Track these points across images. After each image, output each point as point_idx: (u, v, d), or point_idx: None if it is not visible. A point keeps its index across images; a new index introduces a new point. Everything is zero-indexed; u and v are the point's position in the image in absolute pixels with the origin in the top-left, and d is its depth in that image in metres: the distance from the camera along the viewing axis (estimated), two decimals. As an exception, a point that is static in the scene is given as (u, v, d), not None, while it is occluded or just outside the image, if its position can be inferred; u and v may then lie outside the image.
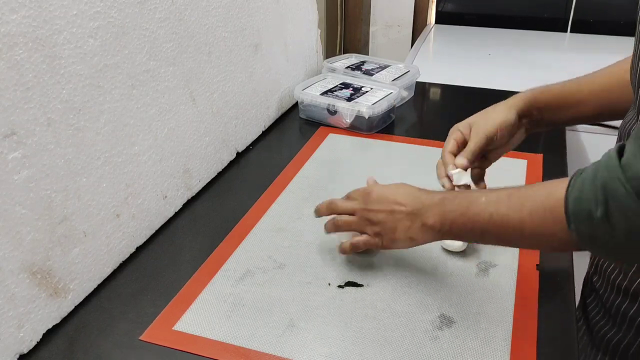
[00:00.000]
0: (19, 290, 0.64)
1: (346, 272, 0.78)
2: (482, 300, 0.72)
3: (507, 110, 0.79)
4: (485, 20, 2.02)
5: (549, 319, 0.69)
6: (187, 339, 0.68)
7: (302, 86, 1.25)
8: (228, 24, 1.00)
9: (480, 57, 1.75)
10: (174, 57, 0.86)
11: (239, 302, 0.73)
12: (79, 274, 0.72)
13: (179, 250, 0.84)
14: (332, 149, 1.12)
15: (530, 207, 0.58)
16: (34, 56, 0.61)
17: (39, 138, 0.63)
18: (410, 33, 2.07)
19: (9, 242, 0.62)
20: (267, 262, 0.80)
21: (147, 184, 0.84)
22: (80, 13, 0.66)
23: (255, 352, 0.66)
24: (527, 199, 0.59)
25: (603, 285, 0.73)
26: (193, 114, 0.93)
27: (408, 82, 1.32)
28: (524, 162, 1.04)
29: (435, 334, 0.68)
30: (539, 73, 1.59)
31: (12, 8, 0.57)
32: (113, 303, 0.74)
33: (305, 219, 0.89)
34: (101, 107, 0.72)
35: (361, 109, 1.14)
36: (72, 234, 0.70)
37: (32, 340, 0.67)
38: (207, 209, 0.94)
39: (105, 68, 0.72)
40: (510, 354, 0.65)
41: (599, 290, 0.74)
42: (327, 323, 0.70)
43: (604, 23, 1.89)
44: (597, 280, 0.75)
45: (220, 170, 1.05)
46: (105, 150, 0.74)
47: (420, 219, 0.67)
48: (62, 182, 0.68)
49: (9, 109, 0.59)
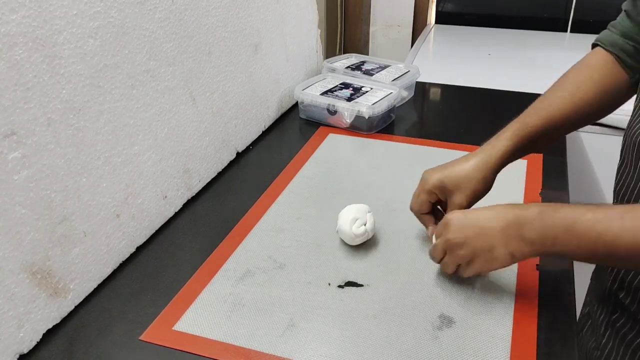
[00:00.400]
0: (19, 290, 0.64)
1: (346, 272, 0.78)
2: (482, 300, 0.72)
3: (485, 172, 0.76)
4: (485, 20, 2.02)
5: (549, 319, 0.69)
6: (187, 339, 0.68)
7: (302, 86, 1.25)
8: (228, 24, 1.00)
9: (480, 57, 1.75)
10: (174, 57, 0.86)
11: (239, 302, 0.73)
12: (79, 274, 0.72)
13: (179, 250, 0.84)
14: (332, 149, 1.12)
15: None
16: (34, 56, 0.61)
17: (39, 138, 0.63)
18: (410, 33, 2.07)
19: (9, 242, 0.62)
20: (267, 262, 0.80)
21: (147, 184, 0.84)
22: (80, 13, 0.66)
23: (255, 352, 0.66)
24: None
25: (636, 301, 0.71)
26: (193, 114, 0.93)
27: (408, 82, 1.32)
28: (524, 162, 1.04)
29: (435, 334, 0.68)
30: (539, 73, 1.59)
31: (12, 8, 0.57)
32: (113, 303, 0.74)
33: (305, 219, 0.89)
34: (101, 107, 0.72)
35: (361, 109, 1.14)
36: (72, 234, 0.70)
37: (32, 340, 0.67)
38: (207, 209, 0.94)
39: (105, 68, 0.72)
40: (510, 354, 0.65)
41: (630, 308, 0.72)
42: (327, 323, 0.70)
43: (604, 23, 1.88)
44: (624, 297, 0.73)
45: (220, 170, 1.05)
46: (105, 150, 0.74)
47: (518, 232, 0.63)
48: (62, 182, 0.68)
49: (9, 109, 0.59)
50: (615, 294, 0.75)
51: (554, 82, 0.81)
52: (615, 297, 0.75)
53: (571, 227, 0.60)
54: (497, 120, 1.19)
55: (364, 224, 0.81)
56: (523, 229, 0.63)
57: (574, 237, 0.60)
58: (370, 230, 0.81)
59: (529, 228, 0.63)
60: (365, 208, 0.82)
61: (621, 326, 0.73)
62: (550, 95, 0.79)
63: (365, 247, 0.82)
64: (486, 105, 1.33)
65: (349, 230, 0.80)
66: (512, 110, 0.81)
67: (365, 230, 0.80)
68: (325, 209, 0.91)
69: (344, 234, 0.81)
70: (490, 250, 0.66)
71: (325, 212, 0.90)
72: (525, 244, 0.63)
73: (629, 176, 0.71)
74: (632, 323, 0.72)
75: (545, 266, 0.78)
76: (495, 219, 0.65)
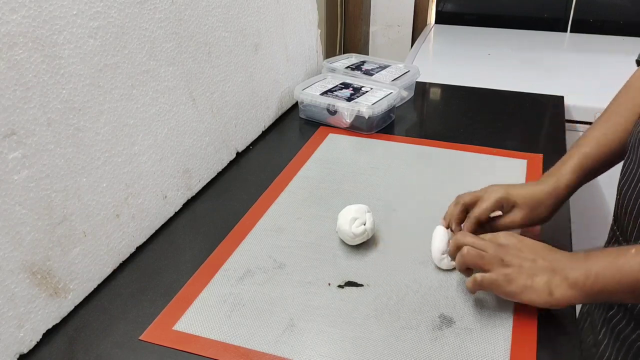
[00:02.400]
0: (19, 290, 0.64)
1: (346, 272, 0.78)
2: (482, 300, 0.72)
3: (554, 201, 0.76)
4: (485, 20, 2.02)
5: (549, 319, 0.69)
6: (187, 339, 0.68)
7: (302, 86, 1.25)
8: (228, 24, 1.00)
9: (480, 57, 1.75)
10: (174, 57, 0.86)
11: (239, 302, 0.73)
12: (79, 274, 0.72)
13: (179, 250, 0.84)
14: (332, 149, 1.12)
15: None
16: (34, 56, 0.61)
17: (39, 138, 0.63)
18: (410, 33, 2.08)
19: (9, 242, 0.62)
20: (267, 262, 0.80)
21: (147, 184, 0.84)
22: (80, 13, 0.66)
23: (255, 352, 0.66)
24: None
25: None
26: (193, 114, 0.93)
27: (408, 82, 1.32)
28: (524, 162, 1.04)
29: (435, 334, 0.68)
30: (538, 73, 1.59)
31: (12, 8, 0.57)
32: (113, 303, 0.74)
33: (305, 219, 0.89)
34: (101, 107, 0.72)
35: (361, 109, 1.14)
36: (72, 234, 0.70)
37: (32, 340, 0.67)
38: (207, 209, 0.94)
39: (105, 68, 0.72)
40: (510, 354, 0.65)
41: (626, 304, 0.72)
42: (327, 323, 0.70)
43: (604, 23, 1.89)
44: None
45: (220, 170, 1.05)
46: (105, 150, 0.74)
47: (562, 273, 0.62)
48: (62, 182, 0.68)
49: (9, 109, 0.59)
50: None
51: (608, 106, 0.81)
52: None
53: (614, 261, 0.60)
54: (497, 120, 1.19)
55: (364, 224, 0.81)
56: (567, 270, 0.62)
57: (617, 272, 0.59)
58: (369, 230, 0.81)
59: (573, 269, 0.62)
60: (364, 208, 0.82)
61: (617, 322, 0.74)
62: (605, 122, 0.79)
63: (365, 247, 0.82)
64: (486, 105, 1.33)
65: (349, 230, 0.80)
66: (512, 110, 0.81)
67: (365, 230, 0.81)
68: (325, 209, 0.91)
69: (344, 233, 0.81)
70: (531, 277, 0.64)
71: (325, 212, 0.90)
72: (567, 285, 0.62)
73: (632, 173, 0.71)
74: (627, 319, 0.72)
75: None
76: (548, 259, 0.65)
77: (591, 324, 0.81)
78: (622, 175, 0.75)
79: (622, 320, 0.73)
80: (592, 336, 0.79)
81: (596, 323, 0.78)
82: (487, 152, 1.09)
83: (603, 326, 0.77)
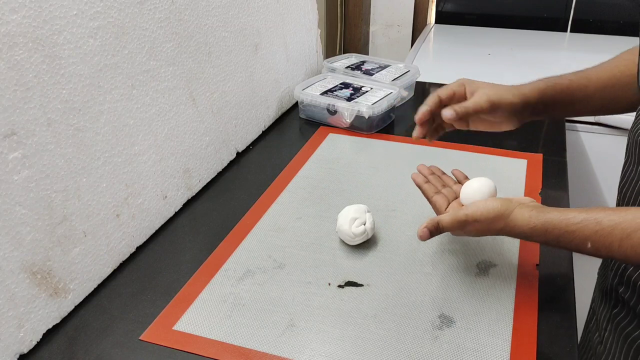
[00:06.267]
0: (19, 290, 0.64)
1: (346, 272, 0.78)
2: (482, 300, 0.72)
3: (517, 95, 0.78)
4: (485, 20, 2.02)
5: (549, 319, 0.69)
6: (187, 339, 0.68)
7: (302, 86, 1.25)
8: (228, 24, 1.00)
9: (480, 57, 1.75)
10: (174, 57, 0.86)
11: (239, 302, 0.73)
12: (79, 274, 0.72)
13: (179, 250, 0.84)
14: (332, 149, 1.12)
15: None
16: (34, 56, 0.61)
17: (39, 138, 0.63)
18: (410, 33, 2.08)
19: (9, 242, 0.62)
20: (267, 262, 0.80)
21: (147, 184, 0.84)
22: (80, 13, 0.66)
23: (255, 352, 0.66)
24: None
25: (635, 295, 0.71)
26: (193, 114, 0.93)
27: (408, 82, 1.32)
28: (524, 162, 1.04)
29: (435, 334, 0.68)
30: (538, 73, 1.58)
31: (12, 8, 0.57)
32: (113, 303, 0.74)
33: (305, 219, 0.89)
34: (101, 107, 0.72)
35: (361, 109, 1.14)
36: (72, 234, 0.70)
37: (32, 340, 0.67)
38: (207, 209, 0.94)
39: (105, 68, 0.72)
40: (510, 354, 0.65)
41: (630, 302, 0.72)
42: (327, 323, 0.70)
43: (604, 23, 1.89)
44: (624, 291, 0.73)
45: (220, 170, 1.05)
46: (105, 150, 0.74)
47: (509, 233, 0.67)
48: (62, 182, 0.68)
49: (9, 109, 0.59)
50: (615, 289, 0.75)
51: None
52: (616, 292, 0.75)
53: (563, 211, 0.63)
54: (497, 120, 1.17)
55: (363, 224, 0.81)
56: (513, 232, 0.66)
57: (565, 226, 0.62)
58: (369, 229, 0.81)
59: (518, 231, 0.66)
60: (364, 208, 0.82)
61: (621, 320, 0.74)
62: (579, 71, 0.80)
63: (365, 247, 0.82)
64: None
65: (349, 229, 0.80)
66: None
67: (365, 230, 0.81)
68: (325, 209, 0.91)
69: (344, 233, 0.81)
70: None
71: (325, 212, 0.91)
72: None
73: (632, 174, 0.71)
74: (631, 317, 0.72)
75: (545, 266, 0.78)
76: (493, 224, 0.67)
77: (596, 323, 0.81)
78: (622, 175, 0.75)
79: (625, 317, 0.73)
80: (598, 334, 0.79)
81: (601, 321, 0.79)
82: (487, 152, 1.09)
83: (608, 324, 0.77)
